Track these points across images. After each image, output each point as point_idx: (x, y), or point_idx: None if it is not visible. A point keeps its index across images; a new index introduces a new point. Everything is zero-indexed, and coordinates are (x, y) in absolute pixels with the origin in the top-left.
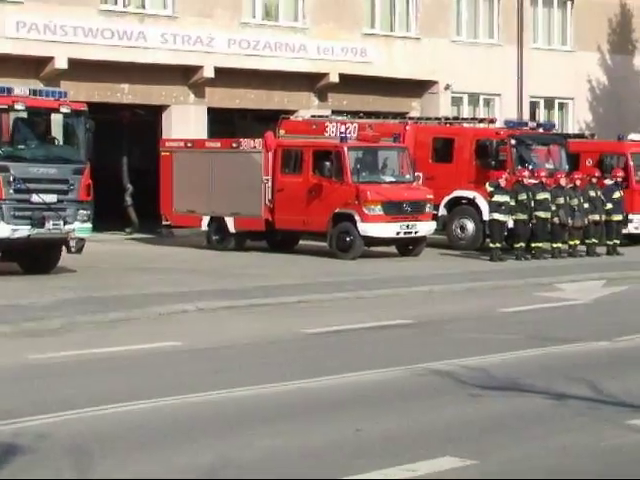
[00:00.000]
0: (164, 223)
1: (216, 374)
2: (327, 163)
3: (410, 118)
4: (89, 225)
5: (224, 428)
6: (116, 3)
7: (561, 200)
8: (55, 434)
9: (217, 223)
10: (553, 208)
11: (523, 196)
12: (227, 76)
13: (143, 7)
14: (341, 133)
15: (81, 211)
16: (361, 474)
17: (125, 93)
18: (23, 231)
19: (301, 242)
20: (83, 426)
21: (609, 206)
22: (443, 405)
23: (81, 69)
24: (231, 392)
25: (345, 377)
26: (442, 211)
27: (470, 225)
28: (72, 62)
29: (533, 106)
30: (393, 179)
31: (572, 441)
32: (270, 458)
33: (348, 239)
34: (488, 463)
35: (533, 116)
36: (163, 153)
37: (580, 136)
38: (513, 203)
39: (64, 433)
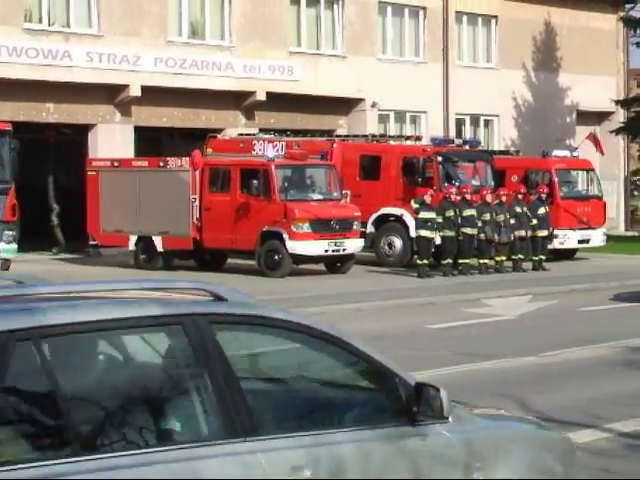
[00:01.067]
0: (91, 243)
1: None
2: (255, 181)
3: (337, 136)
4: (14, 246)
5: None
6: (41, 21)
7: (487, 216)
8: None
9: (145, 242)
10: (479, 224)
11: (450, 212)
12: (154, 95)
13: (68, 26)
14: (268, 151)
15: (6, 232)
16: None
17: (51, 112)
18: None
19: (230, 261)
20: None
21: (534, 222)
22: None
23: (5, 88)
24: None
25: None
26: (370, 228)
27: (398, 242)
28: None
29: (459, 123)
30: (321, 197)
31: None
32: None
33: (276, 257)
34: None
35: (459, 133)
36: (90, 172)
37: (505, 153)
38: (440, 220)
39: None
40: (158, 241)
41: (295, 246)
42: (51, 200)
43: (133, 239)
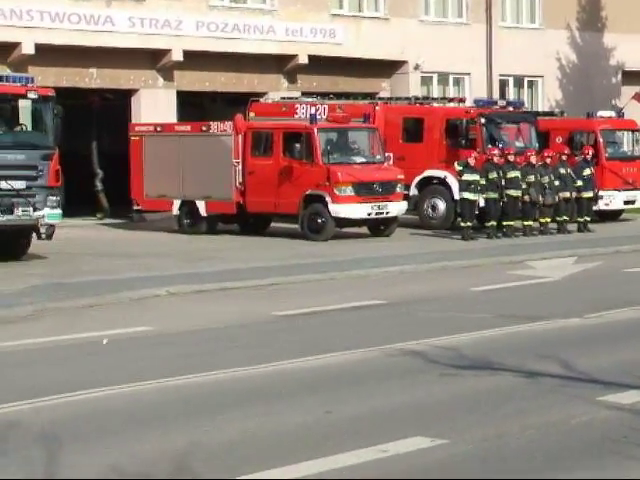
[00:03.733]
0: (135, 208)
1: (188, 358)
2: (297, 145)
3: (380, 98)
4: (59, 211)
5: (196, 412)
6: None
7: (532, 178)
8: (25, 422)
9: (188, 207)
10: (524, 186)
11: (493, 175)
12: (196, 59)
13: None
14: (311, 115)
15: (50, 197)
16: (331, 455)
17: (93, 78)
18: None
19: (273, 224)
20: (54, 413)
21: (579, 183)
22: (414, 385)
23: (48, 54)
24: (204, 376)
25: (317, 359)
26: (413, 191)
27: (441, 204)
28: (39, 47)
29: (502, 85)
30: (364, 160)
31: (544, 418)
32: (241, 442)
33: (319, 221)
34: (459, 443)
35: (502, 95)
36: (133, 138)
37: (550, 114)
38: (484, 182)
39: (35, 420)
40: (201, 205)
41: (338, 209)
42: (95, 165)
43: (177, 204)
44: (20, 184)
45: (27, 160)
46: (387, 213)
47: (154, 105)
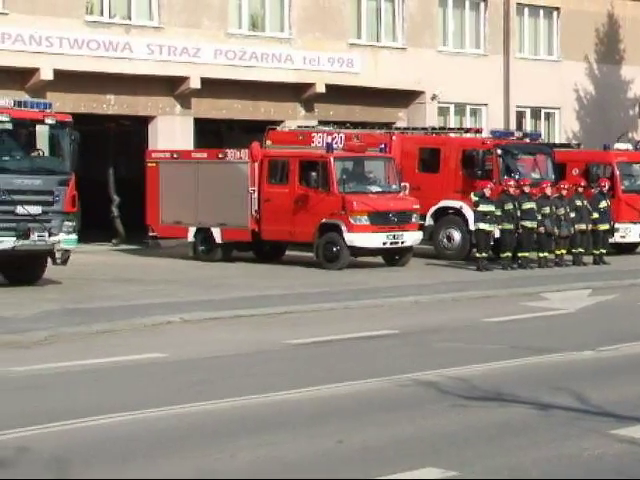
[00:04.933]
0: (150, 234)
1: (200, 386)
2: (313, 173)
3: (397, 128)
4: (74, 236)
5: (208, 440)
6: (102, 14)
7: (547, 209)
8: (37, 447)
9: (204, 234)
10: (539, 218)
11: (509, 206)
12: (213, 87)
13: (129, 18)
14: (327, 143)
15: (66, 222)
16: None
17: (111, 104)
18: (8, 243)
19: (288, 253)
20: (65, 439)
21: (596, 215)
22: (426, 416)
23: (67, 80)
24: (215, 404)
25: (329, 388)
26: (429, 221)
27: (457, 235)
28: (58, 73)
29: (519, 116)
30: (379, 189)
31: (556, 451)
32: (252, 470)
33: (335, 249)
34: (469, 474)
35: (519, 126)
36: (149, 164)
37: (566, 146)
38: (499, 213)
39: (46, 446)
40: (217, 233)
41: (353, 238)
42: (111, 191)
43: (192, 230)
44: (36, 209)
45: (43, 185)
46: (402, 243)
47: (171, 132)
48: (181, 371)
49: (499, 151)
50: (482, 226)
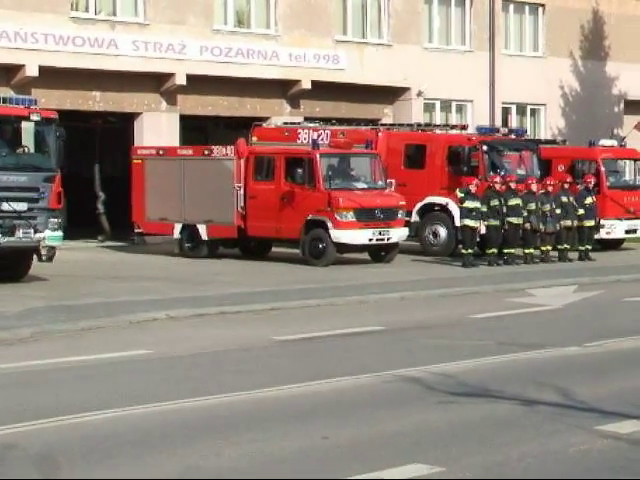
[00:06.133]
0: (136, 231)
1: (187, 382)
2: (299, 170)
3: (382, 125)
4: (60, 233)
5: (193, 437)
6: (87, 10)
7: (533, 206)
8: (22, 444)
9: (189, 231)
10: (525, 214)
11: (495, 202)
12: (199, 83)
13: (114, 14)
14: (313, 140)
15: (52, 219)
16: None
17: (97, 101)
18: None
19: (274, 249)
20: (52, 436)
21: (581, 211)
22: (412, 412)
23: (52, 76)
24: (201, 400)
25: (315, 384)
26: (415, 217)
27: (443, 231)
28: (43, 70)
29: (505, 112)
30: (365, 186)
31: (542, 447)
32: (238, 467)
33: (320, 246)
34: (456, 470)
35: (505, 122)
36: (135, 161)
37: (552, 142)
38: (485, 209)
39: (32, 443)
40: (203, 229)
41: (339, 235)
42: (97, 188)
43: (178, 227)
44: (22, 206)
45: (29, 182)
46: (388, 239)
47: (157, 128)
48: (167, 368)
49: (485, 147)
50: (468, 222)
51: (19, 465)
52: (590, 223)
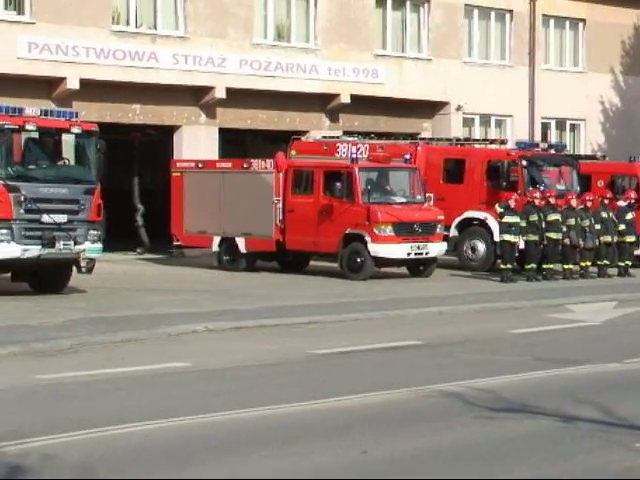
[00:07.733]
0: (175, 243)
1: (225, 395)
2: (338, 184)
3: (421, 139)
4: (99, 245)
5: (233, 449)
6: (128, 24)
7: (572, 221)
8: (62, 455)
9: (228, 244)
10: (564, 229)
11: (534, 217)
12: (238, 97)
13: (155, 28)
14: (352, 154)
15: (92, 231)
16: None
17: (137, 114)
18: (33, 251)
19: (312, 263)
20: (90, 447)
21: (622, 227)
22: (451, 427)
23: (93, 89)
24: (240, 413)
25: (353, 398)
26: (453, 232)
27: (481, 246)
28: (84, 82)
29: (545, 127)
30: (404, 200)
31: (582, 464)
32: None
33: (359, 260)
34: None
35: (545, 137)
36: (174, 173)
37: (591, 157)
38: (524, 224)
39: (71, 454)
40: (241, 242)
41: (378, 249)
42: (136, 200)
43: (216, 240)
44: (62, 218)
45: (69, 194)
46: (427, 254)
47: (196, 141)
48: (205, 380)
49: (524, 162)
50: (507, 237)
51: (58, 475)
52: (631, 239)
